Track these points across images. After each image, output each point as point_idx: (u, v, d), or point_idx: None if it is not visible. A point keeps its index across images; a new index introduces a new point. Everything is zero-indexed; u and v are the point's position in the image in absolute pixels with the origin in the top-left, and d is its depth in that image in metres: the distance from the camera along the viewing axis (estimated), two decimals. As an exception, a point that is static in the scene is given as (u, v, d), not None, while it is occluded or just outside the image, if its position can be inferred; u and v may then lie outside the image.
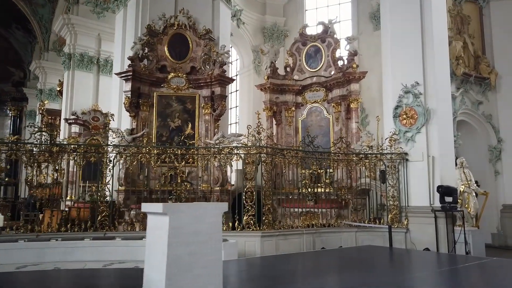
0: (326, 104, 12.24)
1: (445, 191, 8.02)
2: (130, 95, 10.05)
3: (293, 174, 11.00)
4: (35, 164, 9.93)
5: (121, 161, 9.04)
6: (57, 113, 19.58)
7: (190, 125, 9.79)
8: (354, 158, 9.13)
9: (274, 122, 12.67)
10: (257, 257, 6.94)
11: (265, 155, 7.87)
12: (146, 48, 10.52)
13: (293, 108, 12.60)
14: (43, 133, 7.52)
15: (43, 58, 23.58)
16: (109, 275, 4.80)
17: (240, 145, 8.01)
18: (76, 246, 6.57)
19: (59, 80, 19.75)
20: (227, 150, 7.92)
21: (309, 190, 10.22)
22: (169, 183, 8.91)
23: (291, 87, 12.54)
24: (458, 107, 10.65)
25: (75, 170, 12.37)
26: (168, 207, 3.45)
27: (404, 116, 8.91)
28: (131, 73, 10.00)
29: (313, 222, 8.43)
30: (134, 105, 10.21)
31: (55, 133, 18.78)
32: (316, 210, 9.80)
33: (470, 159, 11.47)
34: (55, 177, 15.18)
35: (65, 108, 17.72)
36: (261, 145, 7.82)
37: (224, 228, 7.69)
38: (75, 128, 16.69)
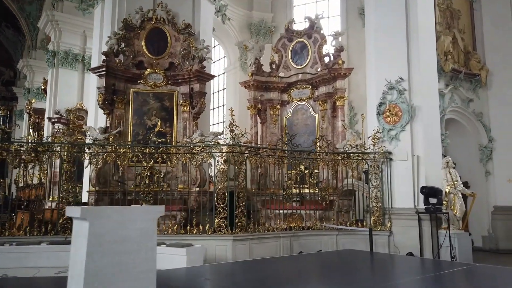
0: (312, 102, 11.83)
1: (429, 192, 7.60)
2: (104, 92, 9.64)
3: (278, 175, 10.56)
4: (22, 165, 9.45)
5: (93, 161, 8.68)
6: (44, 112, 19.21)
7: (160, 122, 9.34)
8: (336, 158, 8.70)
9: (259, 120, 12.26)
10: (225, 262, 6.51)
11: (238, 154, 7.44)
12: (122, 43, 10.12)
13: (278, 106, 12.18)
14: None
15: (30, 57, 23.22)
16: (41, 284, 4.39)
17: (212, 143, 7.58)
18: (30, 251, 6.14)
19: (44, 79, 19.35)
20: (198, 149, 7.49)
21: (294, 191, 9.85)
22: (144, 184, 8.46)
23: (276, 84, 12.13)
24: (447, 104, 10.23)
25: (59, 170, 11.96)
26: (87, 211, 3.02)
27: (388, 113, 8.49)
28: (104, 69, 9.57)
29: (291, 225, 8.00)
30: (109, 102, 9.79)
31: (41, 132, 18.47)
32: (300, 211, 9.43)
33: (460, 158, 11.08)
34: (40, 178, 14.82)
35: (49, 107, 17.35)
36: (234, 143, 7.39)
37: (194, 232, 7.29)
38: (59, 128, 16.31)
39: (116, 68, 9.80)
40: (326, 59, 11.55)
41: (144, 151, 7.57)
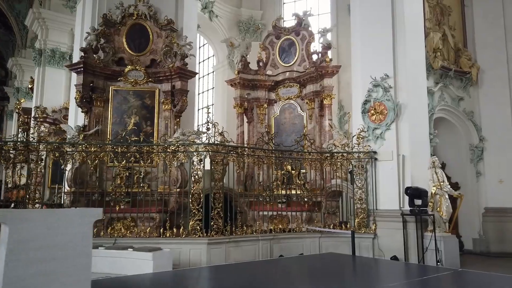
0: (300, 101, 11.55)
1: (413, 193, 7.30)
2: (81, 89, 9.34)
3: (259, 175, 10.25)
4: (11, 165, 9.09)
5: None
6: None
7: (133, 120, 9.03)
8: (319, 157, 8.39)
9: (246, 120, 11.97)
10: (196, 267, 6.19)
11: (215, 153, 7.13)
12: (102, 39, 9.82)
13: (265, 105, 11.89)
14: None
15: (20, 55, 22.89)
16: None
17: (187, 142, 7.26)
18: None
19: (31, 77, 19.05)
20: (173, 148, 7.18)
21: (280, 192, 9.55)
22: (115, 185, 8.16)
23: (263, 82, 11.84)
24: (437, 103, 9.91)
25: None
26: (7, 214, 2.72)
27: (373, 111, 8.19)
28: (82, 65, 9.28)
29: (272, 227, 7.69)
30: (87, 100, 9.50)
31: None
32: (285, 213, 9.12)
33: (450, 159, 10.78)
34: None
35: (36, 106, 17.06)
36: (211, 142, 7.08)
37: (168, 235, 6.97)
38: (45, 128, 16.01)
39: (95, 65, 9.50)
40: (314, 57, 11.26)
41: (116, 150, 7.24)
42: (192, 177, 7.08)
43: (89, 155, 7.35)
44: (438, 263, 7.17)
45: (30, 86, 19.15)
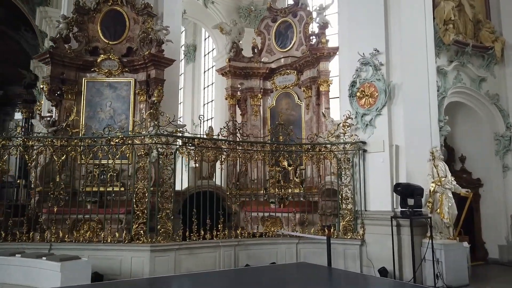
0: (297, 89, 10.41)
1: (404, 190, 5.95)
2: (49, 81, 8.77)
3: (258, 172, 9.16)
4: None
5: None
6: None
7: (75, 111, 8.26)
8: (297, 150, 7.20)
9: (239, 112, 10.97)
10: (122, 280, 5.23)
11: (164, 146, 6.16)
12: (75, 28, 9.20)
13: (260, 95, 10.85)
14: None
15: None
16: None
17: (131, 134, 6.36)
18: None
19: (43, 78, 19.06)
20: (116, 140, 6.29)
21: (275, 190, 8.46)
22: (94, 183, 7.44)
23: (257, 70, 10.80)
24: (451, 84, 8.34)
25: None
26: None
27: (360, 94, 6.88)
28: (48, 56, 8.68)
29: (238, 231, 6.61)
30: (56, 92, 8.91)
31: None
32: (276, 214, 8.00)
33: (471, 150, 9.20)
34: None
35: (44, 106, 16.98)
36: (158, 132, 6.12)
37: (109, 240, 6.08)
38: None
39: (64, 55, 8.87)
40: (313, 40, 10.05)
41: (55, 144, 6.47)
42: (138, 174, 6.14)
43: (27, 150, 6.62)
44: (438, 278, 5.79)
45: (41, 87, 19.20)
